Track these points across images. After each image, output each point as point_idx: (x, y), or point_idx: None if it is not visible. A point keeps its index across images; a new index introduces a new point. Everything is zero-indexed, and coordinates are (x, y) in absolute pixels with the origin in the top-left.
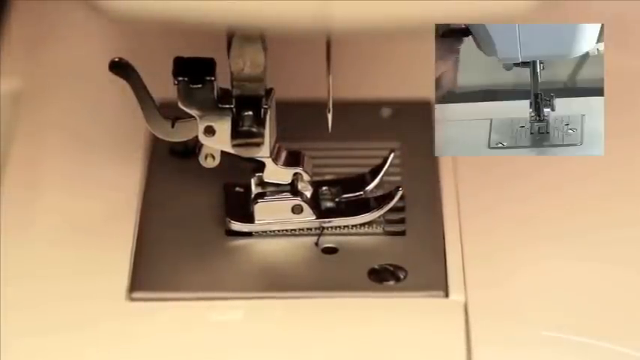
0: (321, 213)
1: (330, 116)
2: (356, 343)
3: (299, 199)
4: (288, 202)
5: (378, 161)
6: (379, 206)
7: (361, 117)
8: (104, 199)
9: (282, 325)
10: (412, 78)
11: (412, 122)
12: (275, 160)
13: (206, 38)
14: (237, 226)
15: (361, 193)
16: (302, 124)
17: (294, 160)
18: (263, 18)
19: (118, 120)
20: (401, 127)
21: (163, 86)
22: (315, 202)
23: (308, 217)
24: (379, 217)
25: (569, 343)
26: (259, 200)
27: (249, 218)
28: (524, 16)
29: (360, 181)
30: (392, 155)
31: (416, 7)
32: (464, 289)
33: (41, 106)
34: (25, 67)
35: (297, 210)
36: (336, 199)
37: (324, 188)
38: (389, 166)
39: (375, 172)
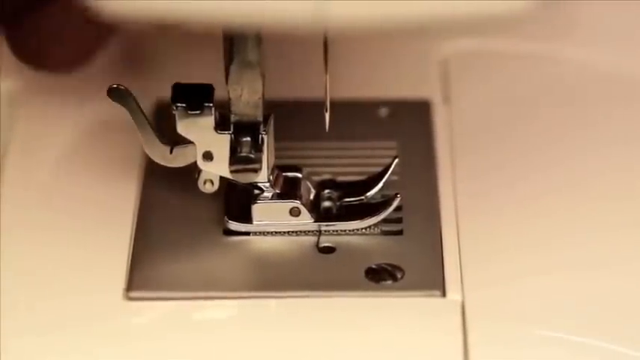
0: (319, 216)
1: (327, 116)
2: (352, 342)
3: (298, 201)
4: (287, 204)
5: (376, 161)
6: (376, 212)
7: (359, 116)
8: (102, 198)
9: (279, 324)
10: (410, 78)
11: (410, 122)
12: (273, 185)
13: (205, 37)
14: (234, 225)
15: (362, 198)
16: (299, 124)
17: (292, 186)
18: (259, 17)
19: (116, 120)
20: (399, 126)
21: (163, 85)
22: (314, 205)
23: (305, 220)
24: None
25: (568, 343)
26: (258, 201)
27: (248, 218)
28: (523, 16)
29: (363, 186)
30: (395, 161)
31: (412, 6)
32: (461, 289)
33: (40, 107)
34: (24, 67)
35: (294, 212)
36: (337, 203)
37: (326, 191)
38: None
39: (377, 177)
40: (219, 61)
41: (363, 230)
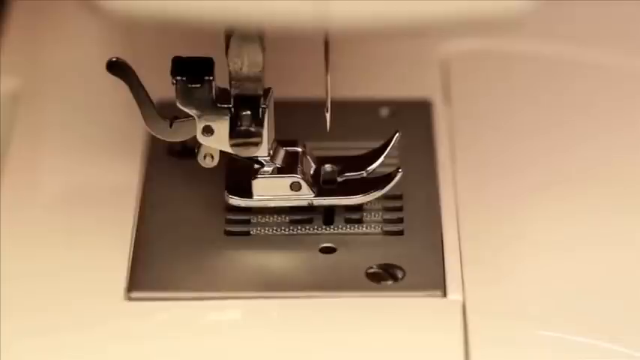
0: (320, 190)
1: (328, 116)
2: (354, 343)
3: (298, 176)
4: (287, 179)
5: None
6: (378, 187)
7: (359, 116)
8: (102, 199)
9: (280, 325)
10: (410, 78)
11: (410, 122)
12: (273, 159)
13: (205, 38)
14: (235, 200)
15: (362, 172)
16: (300, 124)
17: (292, 160)
18: (261, 17)
19: (116, 120)
20: (399, 126)
21: (163, 86)
22: (315, 179)
23: (306, 195)
24: (377, 216)
25: (568, 342)
26: (258, 176)
27: (248, 194)
28: (521, 17)
29: (363, 161)
30: (396, 136)
31: (410, 7)
32: (462, 289)
33: (40, 107)
34: (24, 67)
35: (295, 187)
36: (337, 178)
37: (326, 166)
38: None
39: (378, 152)
40: (220, 61)
41: (364, 230)
